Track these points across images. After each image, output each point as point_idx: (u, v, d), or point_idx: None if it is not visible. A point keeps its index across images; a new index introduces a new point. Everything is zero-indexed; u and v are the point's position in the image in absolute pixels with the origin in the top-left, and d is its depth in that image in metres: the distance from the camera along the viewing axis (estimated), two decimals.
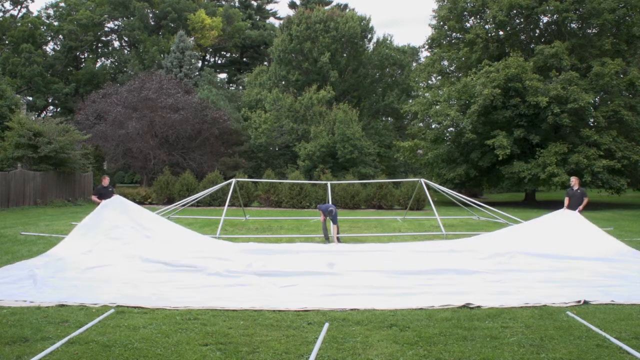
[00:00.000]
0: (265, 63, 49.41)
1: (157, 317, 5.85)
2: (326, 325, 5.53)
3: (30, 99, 43.27)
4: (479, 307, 6.34)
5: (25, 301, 6.44)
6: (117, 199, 11.76)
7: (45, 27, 47.63)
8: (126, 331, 5.29)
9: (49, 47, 49.04)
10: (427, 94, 30.42)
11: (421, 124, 31.54)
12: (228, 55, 56.68)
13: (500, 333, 5.32)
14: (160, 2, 47.19)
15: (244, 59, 55.10)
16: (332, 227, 12.47)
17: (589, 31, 26.48)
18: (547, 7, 24.97)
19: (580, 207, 11.89)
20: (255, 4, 57.87)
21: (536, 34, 28.68)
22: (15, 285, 7.28)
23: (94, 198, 12.96)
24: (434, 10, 30.26)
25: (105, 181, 13.33)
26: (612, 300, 6.65)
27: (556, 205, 15.29)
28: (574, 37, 26.29)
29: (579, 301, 6.56)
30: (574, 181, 12.62)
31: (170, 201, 23.64)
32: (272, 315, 5.99)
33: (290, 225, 16.30)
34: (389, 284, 7.74)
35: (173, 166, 29.75)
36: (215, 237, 12.31)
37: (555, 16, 25.91)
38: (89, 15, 45.62)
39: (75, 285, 7.50)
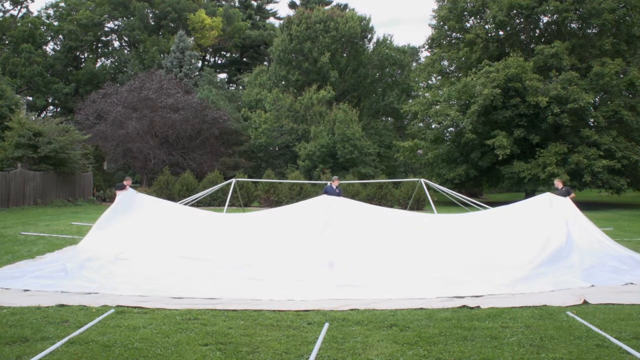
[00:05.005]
0: (265, 63, 49.35)
1: (157, 317, 5.85)
2: (326, 325, 5.53)
3: (30, 99, 43.22)
4: (479, 307, 6.34)
5: (56, 292, 6.93)
6: (132, 193, 11.30)
7: (45, 27, 47.54)
8: (126, 331, 5.29)
9: (49, 47, 48.99)
10: (427, 94, 30.42)
11: (421, 124, 31.55)
12: (228, 55, 56.62)
13: (500, 333, 5.32)
14: (160, 2, 47.13)
15: (244, 59, 55.05)
16: None
17: (589, 31, 26.48)
18: (547, 7, 24.97)
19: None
20: (255, 4, 57.80)
21: (536, 34, 28.68)
22: (49, 278, 7.73)
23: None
24: (434, 10, 30.29)
25: (128, 182, 13.17)
26: (612, 300, 6.64)
27: None
28: (574, 37, 26.28)
29: (579, 301, 6.56)
30: (557, 183, 12.76)
31: (170, 201, 23.60)
32: (272, 315, 5.99)
33: None
34: (388, 283, 7.73)
35: (173, 166, 29.74)
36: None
37: (555, 16, 25.91)
38: (89, 15, 45.58)
39: (95, 279, 7.70)
